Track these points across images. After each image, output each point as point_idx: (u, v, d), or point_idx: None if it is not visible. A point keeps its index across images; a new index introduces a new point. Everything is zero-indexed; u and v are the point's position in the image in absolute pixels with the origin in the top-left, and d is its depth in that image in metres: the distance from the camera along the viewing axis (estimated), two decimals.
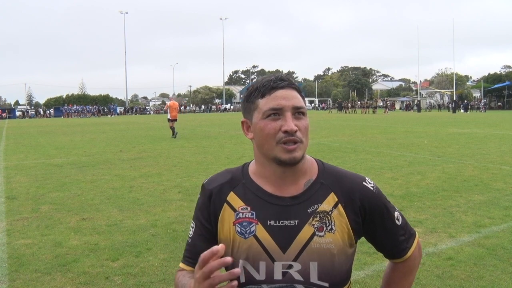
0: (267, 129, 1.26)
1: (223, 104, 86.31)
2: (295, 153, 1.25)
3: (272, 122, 1.26)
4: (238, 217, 1.32)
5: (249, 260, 1.29)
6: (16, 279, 4.12)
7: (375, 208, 1.34)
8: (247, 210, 1.32)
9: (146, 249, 4.87)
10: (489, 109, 60.34)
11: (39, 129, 29.41)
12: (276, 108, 1.25)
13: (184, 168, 10.50)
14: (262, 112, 1.27)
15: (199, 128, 27.54)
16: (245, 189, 1.35)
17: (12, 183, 8.94)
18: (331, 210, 1.30)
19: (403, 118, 38.62)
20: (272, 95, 1.27)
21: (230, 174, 1.40)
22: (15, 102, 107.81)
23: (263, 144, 1.28)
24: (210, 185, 1.39)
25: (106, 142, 18.24)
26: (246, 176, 1.37)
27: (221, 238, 1.34)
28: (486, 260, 4.39)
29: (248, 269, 1.30)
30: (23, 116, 65.14)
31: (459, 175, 8.84)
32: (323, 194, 1.31)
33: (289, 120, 1.24)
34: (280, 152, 1.25)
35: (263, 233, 1.29)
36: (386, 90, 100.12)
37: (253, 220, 1.31)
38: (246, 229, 1.30)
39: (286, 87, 1.28)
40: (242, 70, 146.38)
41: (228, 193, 1.36)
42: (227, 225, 1.33)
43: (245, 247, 1.29)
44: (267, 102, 1.27)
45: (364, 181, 1.36)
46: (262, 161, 1.33)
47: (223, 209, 1.35)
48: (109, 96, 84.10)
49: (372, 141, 16.23)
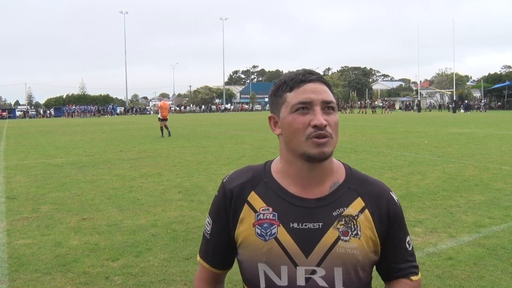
0: (296, 124, 1.21)
1: (223, 104, 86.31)
2: (324, 147, 1.20)
3: (301, 116, 1.21)
4: (258, 218, 1.26)
5: (270, 264, 1.24)
6: (16, 279, 4.12)
7: (394, 221, 1.29)
8: (268, 211, 1.26)
9: (146, 249, 4.87)
10: (489, 109, 60.34)
11: (39, 129, 29.41)
12: (305, 101, 1.20)
13: (184, 168, 10.50)
14: (291, 106, 1.22)
15: (199, 128, 27.53)
16: (267, 188, 1.29)
17: (12, 183, 8.93)
18: (357, 215, 1.25)
19: (403, 118, 38.61)
20: (301, 89, 1.22)
21: (251, 172, 1.34)
22: (15, 102, 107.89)
23: (291, 140, 1.23)
24: (231, 184, 1.33)
25: (106, 142, 18.24)
26: (268, 174, 1.32)
27: (240, 239, 1.29)
28: (486, 260, 4.39)
29: (269, 273, 1.25)
30: (24, 116, 65.17)
31: (459, 175, 8.84)
32: (349, 198, 1.26)
33: (318, 114, 1.19)
34: (309, 147, 1.19)
35: (285, 235, 1.23)
36: (386, 90, 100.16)
37: (274, 221, 1.25)
38: (266, 231, 1.25)
39: (316, 80, 1.24)
40: (242, 70, 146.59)
41: (249, 193, 1.30)
42: (247, 226, 1.28)
43: (265, 250, 1.24)
44: (296, 96, 1.22)
45: (390, 191, 1.33)
46: (288, 158, 1.27)
47: (243, 209, 1.29)
48: (109, 96, 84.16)
49: (372, 141, 16.23)
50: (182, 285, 3.94)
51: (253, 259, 1.26)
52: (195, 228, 5.57)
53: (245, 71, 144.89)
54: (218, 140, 18.10)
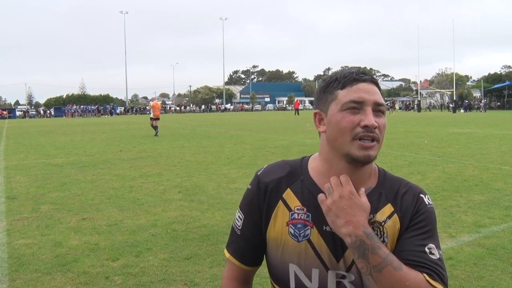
0: (345, 122, 1.17)
1: (223, 104, 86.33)
2: (371, 151, 1.17)
3: (351, 115, 1.17)
4: (293, 217, 1.23)
5: (301, 266, 1.22)
6: (16, 279, 4.12)
7: (418, 221, 1.21)
8: (303, 211, 1.23)
9: (146, 249, 4.87)
10: (489, 109, 60.34)
11: (39, 129, 29.40)
12: (357, 100, 1.17)
13: (184, 168, 10.50)
14: (341, 104, 1.18)
15: (199, 128, 27.53)
16: (303, 187, 1.26)
17: (12, 183, 8.93)
18: (384, 221, 1.21)
19: (403, 118, 38.61)
20: (353, 87, 1.19)
21: (288, 167, 1.30)
22: (15, 102, 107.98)
23: (337, 138, 1.19)
24: (266, 178, 1.29)
25: (106, 142, 18.24)
26: (305, 172, 1.28)
27: (271, 237, 1.26)
28: (486, 260, 4.39)
29: (299, 275, 1.23)
30: (24, 116, 65.19)
31: (459, 175, 8.84)
32: (379, 204, 1.23)
33: (369, 115, 1.16)
34: (354, 148, 1.16)
35: (318, 238, 1.21)
36: (386, 90, 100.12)
37: (308, 223, 1.22)
38: (300, 232, 1.22)
39: (369, 81, 1.21)
40: (242, 70, 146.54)
41: (285, 190, 1.26)
42: (280, 224, 1.25)
43: (297, 251, 1.22)
44: (348, 94, 1.18)
45: (423, 194, 1.26)
46: (329, 158, 1.24)
47: (278, 206, 1.26)
48: (109, 96, 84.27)
49: None
50: (182, 285, 3.94)
51: (285, 259, 1.24)
52: (195, 228, 5.57)
53: (245, 71, 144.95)
54: (218, 140, 18.10)
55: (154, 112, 21.04)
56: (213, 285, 3.92)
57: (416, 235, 1.19)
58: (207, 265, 4.34)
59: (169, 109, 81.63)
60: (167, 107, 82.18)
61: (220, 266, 4.28)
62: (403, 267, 1.12)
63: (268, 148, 14.48)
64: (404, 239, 1.20)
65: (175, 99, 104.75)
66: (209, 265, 4.34)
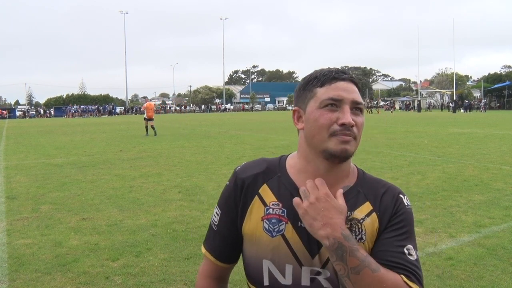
0: (323, 119, 1.18)
1: (223, 104, 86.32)
2: (347, 145, 1.17)
3: (329, 112, 1.18)
4: (267, 212, 1.24)
5: (275, 261, 1.22)
6: (16, 279, 4.12)
7: (397, 222, 1.22)
8: (278, 206, 1.24)
9: (146, 249, 4.87)
10: (489, 109, 60.35)
11: (39, 129, 29.40)
12: (335, 98, 1.18)
13: (184, 168, 10.50)
14: (320, 101, 1.20)
15: (199, 128, 27.53)
16: (280, 183, 1.26)
17: (12, 183, 8.93)
18: (362, 219, 1.22)
19: (403, 118, 38.61)
20: (332, 86, 1.20)
21: (265, 164, 1.31)
22: (15, 102, 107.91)
23: (315, 135, 1.20)
24: (243, 174, 1.30)
25: (106, 142, 18.24)
26: (283, 169, 1.29)
27: (246, 232, 1.27)
28: (486, 260, 4.39)
29: (273, 271, 1.23)
30: (24, 116, 65.19)
31: (459, 175, 8.84)
32: (357, 202, 1.24)
33: (347, 113, 1.17)
34: (332, 144, 1.17)
35: (292, 234, 1.21)
36: (386, 90, 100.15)
37: (283, 218, 1.22)
38: (274, 227, 1.22)
39: (348, 80, 1.22)
40: (242, 70, 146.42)
41: (261, 185, 1.27)
42: (255, 219, 1.25)
43: (271, 247, 1.22)
44: (327, 92, 1.20)
45: (402, 194, 1.27)
46: (307, 155, 1.24)
47: (254, 201, 1.26)
48: (109, 96, 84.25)
49: (372, 141, 16.23)
50: (182, 285, 3.94)
51: (258, 255, 1.24)
52: (195, 228, 5.57)
53: (245, 71, 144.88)
54: (218, 140, 18.10)
55: (147, 113, 21.46)
56: None
57: (395, 236, 1.19)
58: None
59: (169, 109, 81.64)
60: (167, 107, 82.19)
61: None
62: (381, 269, 1.12)
63: (268, 148, 14.48)
64: (383, 239, 1.20)
65: (175, 99, 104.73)
66: None
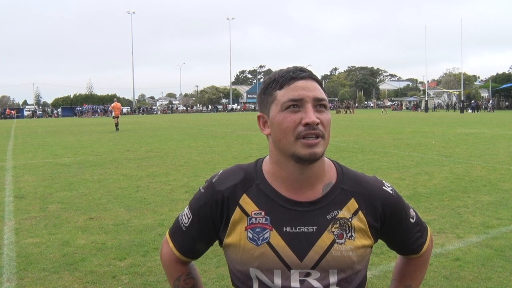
0: (286, 122, 1.15)
1: (230, 104, 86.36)
2: (315, 148, 1.14)
3: (292, 114, 1.15)
4: (250, 222, 1.22)
5: (262, 268, 1.21)
6: (25, 277, 4.15)
7: (395, 212, 1.29)
8: (260, 215, 1.22)
9: (153, 248, 4.88)
10: (498, 109, 59.94)
11: (47, 129, 29.58)
12: (296, 99, 1.15)
13: (191, 167, 10.51)
14: (281, 104, 1.17)
15: (206, 128, 27.56)
16: (259, 191, 1.24)
17: (20, 182, 8.99)
18: (351, 217, 1.22)
19: (410, 118, 38.43)
20: (291, 86, 1.17)
21: (242, 173, 1.29)
22: (23, 102, 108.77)
23: (281, 140, 1.18)
24: (221, 186, 1.27)
25: (113, 141, 18.31)
26: (260, 176, 1.27)
27: (229, 243, 1.25)
28: (494, 261, 4.36)
29: (260, 277, 1.22)
30: (32, 116, 65.63)
31: (467, 176, 8.79)
32: (343, 200, 1.23)
33: (310, 112, 1.14)
34: (299, 148, 1.14)
35: (278, 240, 1.20)
36: (394, 90, 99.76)
37: (267, 226, 1.21)
38: (259, 236, 1.21)
39: (307, 77, 1.19)
40: (249, 70, 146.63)
41: (241, 196, 1.25)
42: (238, 230, 1.24)
43: (256, 255, 1.21)
44: (286, 93, 1.17)
45: (383, 185, 1.30)
46: (278, 160, 1.23)
47: (235, 212, 1.24)
48: (116, 96, 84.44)
49: (379, 141, 16.17)
50: None
51: (245, 263, 1.23)
52: None
53: (251, 71, 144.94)
54: (225, 140, 18.11)
55: (114, 112, 26.12)
56: (220, 285, 3.92)
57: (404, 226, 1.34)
58: (214, 265, 4.35)
59: (176, 109, 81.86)
60: (174, 107, 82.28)
61: (227, 266, 4.28)
62: None
63: None
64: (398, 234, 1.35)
65: (182, 99, 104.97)
66: (216, 265, 4.35)
